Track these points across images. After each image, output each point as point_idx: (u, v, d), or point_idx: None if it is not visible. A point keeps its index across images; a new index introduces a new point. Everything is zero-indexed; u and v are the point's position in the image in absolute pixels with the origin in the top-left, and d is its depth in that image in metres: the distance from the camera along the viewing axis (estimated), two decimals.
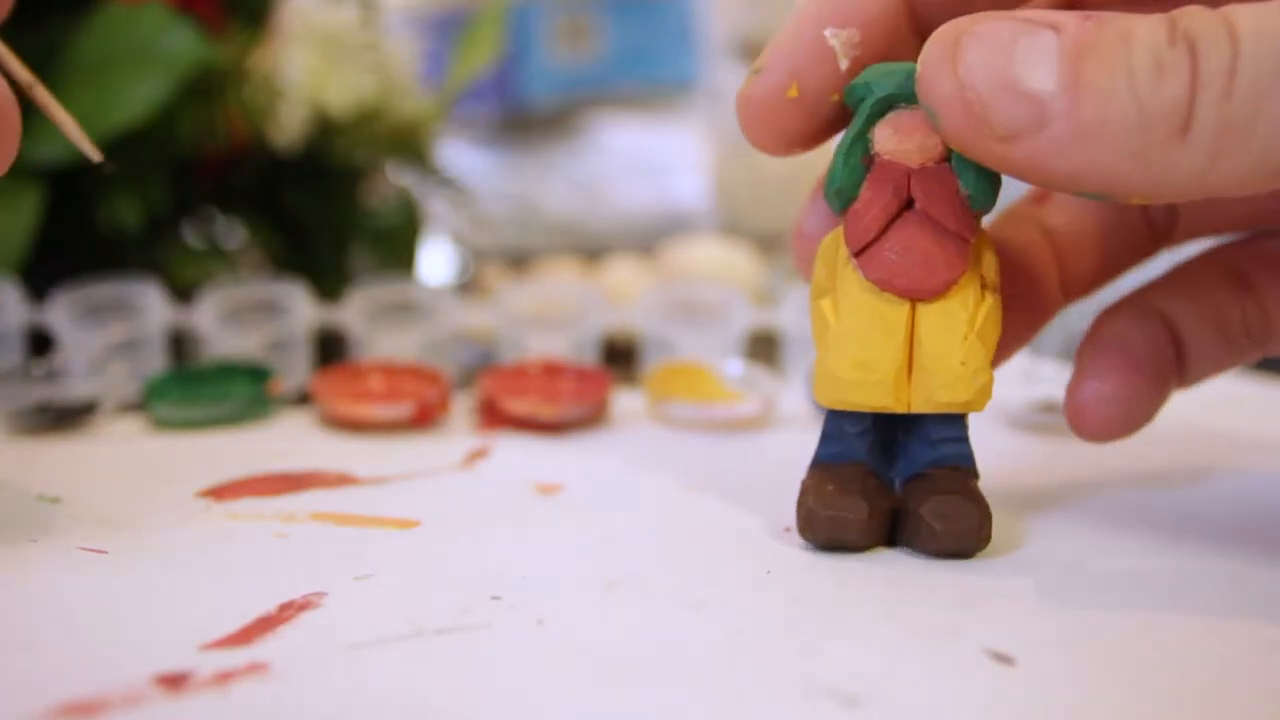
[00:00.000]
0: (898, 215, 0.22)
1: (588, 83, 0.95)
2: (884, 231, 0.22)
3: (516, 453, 0.31)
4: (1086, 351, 0.26)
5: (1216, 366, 0.26)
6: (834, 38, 0.23)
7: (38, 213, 0.39)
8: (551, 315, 0.40)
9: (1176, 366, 0.26)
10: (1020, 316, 0.26)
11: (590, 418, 0.34)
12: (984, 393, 0.22)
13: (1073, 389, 0.25)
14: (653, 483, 0.29)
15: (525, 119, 0.95)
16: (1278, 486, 0.28)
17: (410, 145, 0.51)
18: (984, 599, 0.21)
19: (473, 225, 0.72)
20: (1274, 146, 0.18)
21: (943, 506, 0.23)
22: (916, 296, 0.22)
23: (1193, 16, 0.19)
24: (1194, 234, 0.28)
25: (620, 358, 0.43)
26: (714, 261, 0.58)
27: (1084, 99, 0.19)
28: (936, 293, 0.22)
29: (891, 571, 0.22)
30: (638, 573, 0.22)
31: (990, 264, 0.23)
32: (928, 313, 0.22)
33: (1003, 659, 0.18)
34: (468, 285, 0.63)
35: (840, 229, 0.23)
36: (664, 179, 0.88)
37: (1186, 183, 0.19)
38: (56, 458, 0.30)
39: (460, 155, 0.80)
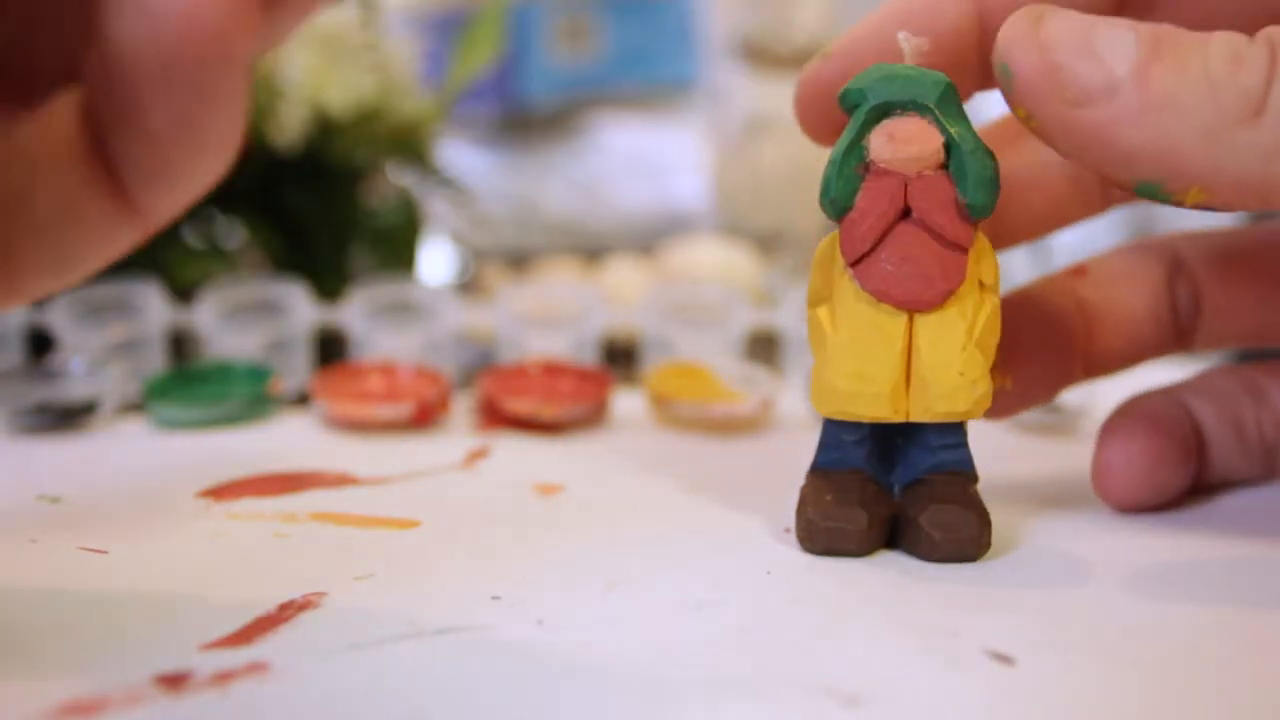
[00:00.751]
0: (894, 224, 0.22)
1: (588, 83, 0.95)
2: (880, 241, 0.22)
3: (516, 453, 0.31)
4: (1113, 422, 0.26)
5: (1234, 470, 0.27)
6: (906, 42, 0.23)
7: None
8: (551, 315, 0.40)
9: (1198, 453, 0.27)
10: (1043, 375, 0.26)
11: (590, 418, 0.34)
12: (982, 402, 0.22)
13: (1099, 453, 0.26)
14: (653, 483, 0.29)
15: (525, 119, 0.95)
16: (1278, 485, 0.28)
17: (410, 145, 0.51)
18: (984, 599, 0.21)
19: (473, 225, 0.72)
20: None
21: (941, 515, 0.23)
22: (914, 308, 0.22)
23: (1275, 30, 0.20)
24: (1214, 340, 0.28)
25: (620, 358, 0.43)
26: (714, 261, 0.59)
27: (1157, 76, 0.19)
28: (934, 304, 0.22)
29: (891, 572, 0.22)
30: (638, 573, 0.22)
31: (989, 267, 0.23)
32: (926, 323, 0.22)
33: (1003, 659, 0.18)
34: (468, 285, 0.63)
35: (835, 234, 0.23)
36: (664, 179, 0.88)
37: (1250, 168, 0.19)
38: (56, 458, 0.30)
39: (460, 155, 0.80)
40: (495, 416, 0.34)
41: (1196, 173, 0.20)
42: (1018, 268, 0.60)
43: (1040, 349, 0.26)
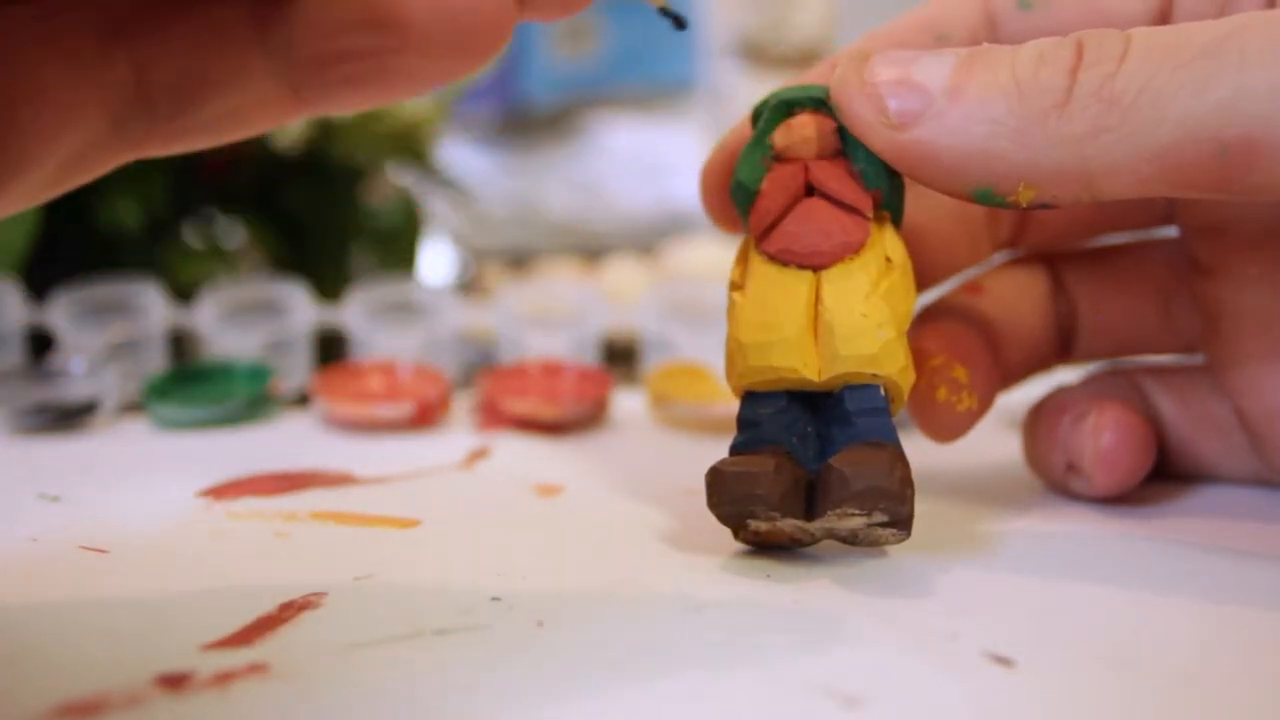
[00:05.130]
0: (798, 200, 0.23)
1: (588, 83, 0.95)
2: (785, 214, 0.23)
3: (516, 453, 0.31)
4: (1101, 408, 0.27)
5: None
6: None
7: (37, 213, 0.39)
8: (551, 315, 0.40)
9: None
10: (987, 386, 0.27)
11: (590, 418, 0.34)
12: (889, 351, 0.22)
13: (1097, 439, 0.26)
14: (653, 483, 0.29)
15: (525, 119, 0.95)
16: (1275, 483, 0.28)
17: (410, 145, 0.51)
18: (983, 601, 0.21)
19: (473, 225, 0.72)
20: (1158, 120, 0.19)
21: (853, 454, 0.22)
22: (816, 261, 0.23)
23: (1086, 30, 0.21)
24: (1091, 352, 0.29)
25: (620, 358, 0.43)
26: (714, 261, 0.58)
27: (968, 87, 0.21)
28: (835, 256, 0.23)
29: (891, 574, 0.22)
30: (638, 573, 0.22)
31: (895, 247, 0.23)
32: (830, 278, 0.23)
33: (1002, 661, 0.18)
34: (468, 285, 0.63)
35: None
36: (664, 179, 0.88)
37: (1064, 157, 0.20)
38: (56, 458, 0.30)
39: (460, 155, 0.80)
40: (495, 416, 0.34)
41: (1018, 170, 0.21)
42: None
43: (979, 362, 0.26)
